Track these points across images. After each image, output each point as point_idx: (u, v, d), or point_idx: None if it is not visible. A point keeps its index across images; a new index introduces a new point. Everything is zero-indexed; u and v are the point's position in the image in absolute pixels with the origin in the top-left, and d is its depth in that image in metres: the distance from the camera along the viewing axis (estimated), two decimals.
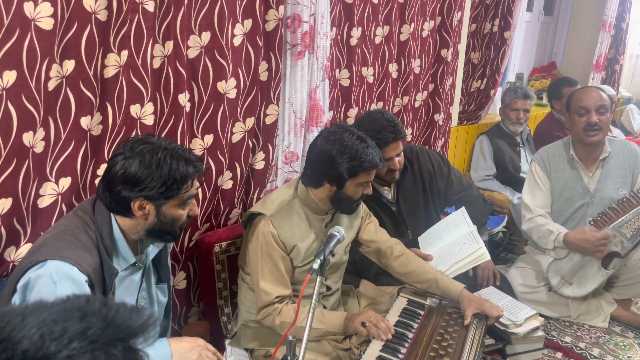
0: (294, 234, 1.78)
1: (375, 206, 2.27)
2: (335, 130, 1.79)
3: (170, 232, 1.44)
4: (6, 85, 1.46)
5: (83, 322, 0.58)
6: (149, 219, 1.39)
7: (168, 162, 1.34)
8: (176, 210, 1.41)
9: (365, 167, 1.72)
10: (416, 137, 3.29)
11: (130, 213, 1.37)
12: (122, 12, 1.68)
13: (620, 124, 5.10)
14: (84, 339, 0.56)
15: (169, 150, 1.36)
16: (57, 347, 0.55)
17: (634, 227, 2.40)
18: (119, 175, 1.33)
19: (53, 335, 0.55)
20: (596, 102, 2.46)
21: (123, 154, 1.35)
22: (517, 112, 3.53)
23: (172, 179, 1.34)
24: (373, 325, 1.67)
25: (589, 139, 2.50)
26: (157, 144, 1.37)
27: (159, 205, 1.38)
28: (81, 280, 1.26)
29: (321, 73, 2.40)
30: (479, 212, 2.49)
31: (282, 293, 1.75)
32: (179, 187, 1.37)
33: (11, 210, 1.56)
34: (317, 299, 1.37)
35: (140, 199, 1.35)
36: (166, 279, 1.59)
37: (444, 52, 3.21)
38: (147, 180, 1.33)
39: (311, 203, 1.82)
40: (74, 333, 0.56)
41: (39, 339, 0.55)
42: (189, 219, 1.49)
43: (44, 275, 1.23)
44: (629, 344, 2.42)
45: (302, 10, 2.21)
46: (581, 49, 5.41)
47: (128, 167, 1.33)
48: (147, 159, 1.33)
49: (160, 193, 1.35)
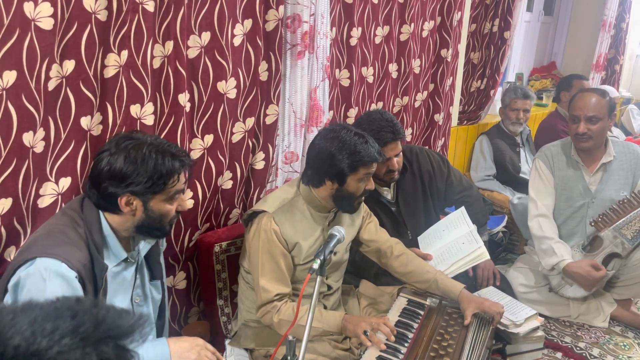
0: (296, 232, 1.79)
1: (374, 206, 2.27)
2: (333, 128, 1.81)
3: (160, 228, 1.44)
4: (6, 85, 1.46)
5: (74, 320, 0.58)
6: (137, 214, 1.39)
7: (153, 157, 1.34)
8: (164, 205, 1.41)
9: (365, 162, 1.73)
10: (416, 137, 3.29)
11: (118, 209, 1.37)
12: (122, 12, 1.68)
13: (621, 124, 5.11)
14: (75, 336, 0.57)
15: (154, 146, 1.36)
16: (48, 343, 0.55)
17: (635, 228, 2.40)
18: (105, 171, 1.34)
19: (44, 332, 0.56)
20: (587, 112, 2.43)
21: (108, 151, 1.35)
22: (517, 112, 3.53)
23: (158, 173, 1.34)
24: (374, 335, 1.66)
25: (579, 145, 2.51)
26: (143, 140, 1.37)
27: (146, 200, 1.38)
28: (70, 277, 1.26)
29: (321, 73, 2.40)
30: (479, 212, 2.49)
31: (282, 291, 1.76)
32: (165, 182, 1.37)
33: (11, 210, 1.56)
34: (317, 299, 1.37)
35: (127, 195, 1.35)
36: (159, 276, 1.59)
37: (444, 52, 3.21)
38: (133, 175, 1.33)
39: (314, 200, 1.82)
40: (65, 330, 0.57)
41: (31, 335, 0.55)
42: (178, 214, 1.48)
43: (34, 274, 1.24)
44: (629, 344, 2.42)
45: (302, 10, 2.21)
46: (581, 49, 5.41)
47: (114, 163, 1.33)
48: (132, 154, 1.33)
49: (147, 188, 1.35)
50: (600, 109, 2.44)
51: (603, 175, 2.55)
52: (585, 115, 2.44)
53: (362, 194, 1.80)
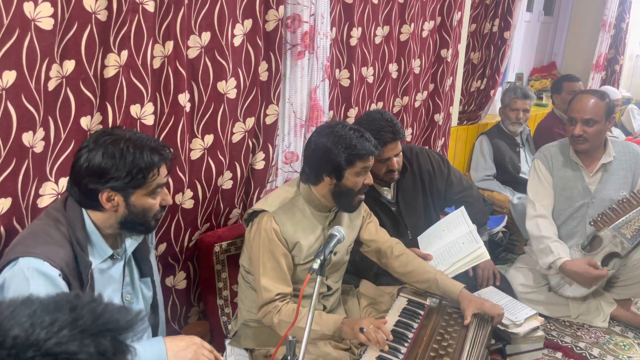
0: (296, 231, 1.78)
1: (374, 206, 2.27)
2: (328, 124, 1.82)
3: (143, 223, 1.44)
4: (6, 85, 1.46)
5: (73, 313, 0.59)
6: (119, 210, 1.39)
7: (131, 152, 1.34)
8: (146, 200, 1.41)
9: (362, 154, 1.73)
10: (416, 137, 3.29)
11: (100, 206, 1.37)
12: (122, 12, 1.68)
13: (621, 124, 5.10)
14: (74, 328, 0.58)
15: (133, 140, 1.36)
16: (47, 334, 0.56)
17: (634, 228, 2.40)
18: (84, 168, 1.33)
19: (43, 324, 0.57)
20: (583, 115, 2.43)
21: (87, 147, 1.35)
22: (517, 112, 3.53)
23: (136, 167, 1.34)
24: (372, 331, 1.62)
25: (575, 146, 2.52)
26: (121, 135, 1.37)
27: (127, 195, 1.37)
28: (53, 275, 1.27)
29: (321, 73, 2.40)
30: (479, 212, 2.49)
31: (283, 290, 1.75)
32: (144, 176, 1.36)
33: (11, 210, 1.56)
34: (317, 299, 1.37)
35: (108, 191, 1.35)
36: (149, 273, 1.59)
37: (444, 52, 3.21)
38: (111, 170, 1.33)
39: (314, 200, 1.82)
40: (64, 322, 0.58)
41: (30, 326, 0.56)
42: (163, 209, 1.48)
43: (17, 274, 1.25)
44: (629, 344, 2.42)
45: (302, 10, 2.21)
46: (581, 49, 5.41)
47: (92, 159, 1.33)
48: (110, 149, 1.33)
49: (126, 183, 1.34)
50: (597, 112, 2.43)
51: (603, 176, 2.55)
52: (582, 117, 2.44)
53: (360, 189, 1.79)
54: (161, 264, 2.10)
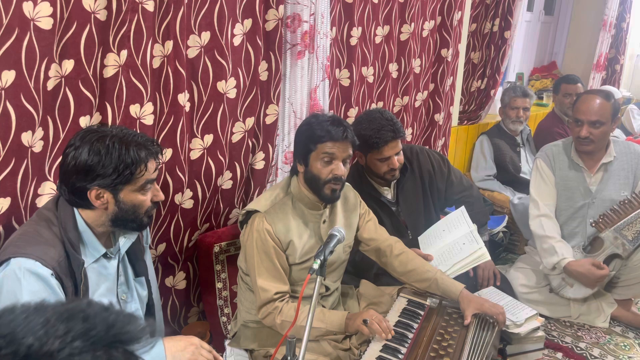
0: (288, 230, 1.78)
1: (375, 206, 2.26)
2: (312, 114, 1.87)
3: (135, 220, 1.43)
4: (5, 85, 1.46)
5: (86, 322, 0.58)
6: (109, 208, 1.39)
7: (117, 148, 1.33)
8: (135, 196, 1.40)
9: (319, 137, 1.73)
10: (416, 137, 3.28)
11: (90, 204, 1.37)
12: (122, 12, 1.68)
13: (621, 124, 5.10)
14: (87, 339, 0.57)
15: (119, 137, 1.35)
16: (60, 344, 0.55)
17: (636, 229, 2.39)
18: (71, 166, 1.33)
19: (57, 333, 0.56)
20: (590, 117, 2.41)
21: (74, 145, 1.34)
22: (517, 110, 3.53)
23: (123, 164, 1.33)
24: (375, 322, 1.65)
25: (581, 148, 2.51)
26: (107, 132, 1.36)
27: (115, 192, 1.37)
28: (45, 275, 1.27)
29: (321, 73, 2.39)
30: (480, 212, 2.49)
31: (281, 289, 1.75)
32: (132, 172, 1.35)
33: (10, 209, 1.56)
34: (317, 300, 1.36)
35: (96, 188, 1.34)
36: (143, 273, 1.58)
37: (444, 51, 3.21)
38: (98, 168, 1.32)
39: (304, 198, 1.82)
40: (77, 332, 0.57)
41: (44, 335, 0.55)
42: (155, 205, 1.47)
43: (9, 274, 1.25)
44: (630, 344, 2.41)
45: (302, 10, 2.20)
46: (581, 48, 5.41)
47: (78, 157, 1.32)
48: (95, 146, 1.32)
49: (113, 180, 1.34)
50: (603, 113, 2.41)
51: (604, 176, 2.54)
52: (589, 119, 2.42)
53: (329, 179, 1.76)
54: (161, 264, 2.10)
